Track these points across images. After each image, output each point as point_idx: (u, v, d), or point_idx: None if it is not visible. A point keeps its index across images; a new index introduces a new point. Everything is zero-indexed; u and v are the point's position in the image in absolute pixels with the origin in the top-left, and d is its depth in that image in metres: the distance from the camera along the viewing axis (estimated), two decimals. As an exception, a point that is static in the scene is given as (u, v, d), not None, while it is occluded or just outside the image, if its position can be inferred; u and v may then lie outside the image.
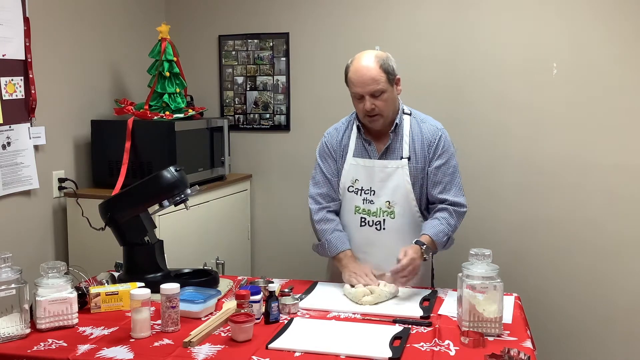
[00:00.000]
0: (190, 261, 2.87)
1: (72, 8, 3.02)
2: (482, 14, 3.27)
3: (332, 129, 2.65)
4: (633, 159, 3.14)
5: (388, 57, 2.47)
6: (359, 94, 2.44)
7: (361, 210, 2.53)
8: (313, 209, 2.58)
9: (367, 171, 2.52)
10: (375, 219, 2.51)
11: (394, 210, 2.50)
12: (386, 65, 2.43)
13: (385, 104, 2.44)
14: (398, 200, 2.50)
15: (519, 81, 3.25)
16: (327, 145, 2.61)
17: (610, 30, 3.11)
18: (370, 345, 1.89)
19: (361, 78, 2.41)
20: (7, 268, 1.99)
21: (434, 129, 2.53)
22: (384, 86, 2.41)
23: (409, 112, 2.56)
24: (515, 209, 3.32)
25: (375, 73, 2.40)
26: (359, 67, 2.43)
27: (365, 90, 2.41)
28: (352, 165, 2.55)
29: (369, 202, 2.52)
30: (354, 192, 2.54)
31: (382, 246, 2.48)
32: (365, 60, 2.43)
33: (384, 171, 2.50)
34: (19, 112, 2.71)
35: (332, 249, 2.50)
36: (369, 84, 2.40)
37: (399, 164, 2.50)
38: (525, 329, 2.06)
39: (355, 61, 2.46)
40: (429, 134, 2.52)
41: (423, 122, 2.55)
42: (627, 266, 3.19)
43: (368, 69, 2.41)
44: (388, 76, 2.42)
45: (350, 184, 2.55)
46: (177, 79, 3.19)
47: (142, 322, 1.97)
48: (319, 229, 2.55)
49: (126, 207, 2.40)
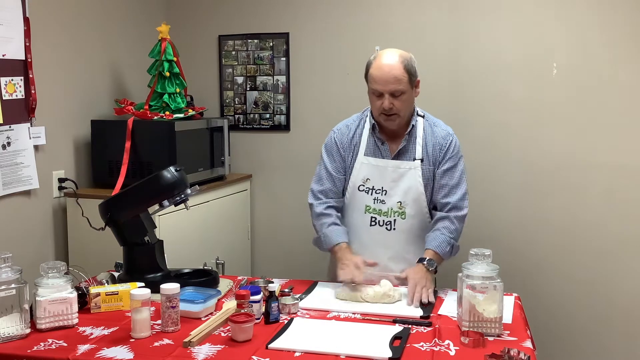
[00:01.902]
0: (190, 261, 2.86)
1: (72, 8, 3.02)
2: (482, 14, 3.27)
3: (343, 125, 2.61)
4: (633, 159, 3.14)
5: (411, 57, 2.44)
6: (378, 92, 2.40)
7: (372, 210, 2.52)
8: (312, 204, 2.57)
9: (379, 171, 2.50)
10: (386, 219, 2.50)
11: (405, 211, 2.49)
12: (409, 66, 2.40)
13: (404, 104, 2.42)
14: (410, 201, 2.49)
15: (519, 81, 3.25)
16: (336, 142, 2.57)
17: (611, 30, 3.11)
18: (370, 345, 1.89)
19: (384, 76, 2.38)
20: (7, 268, 1.98)
21: (446, 133, 2.53)
22: (405, 87, 2.39)
23: (422, 115, 2.55)
24: (515, 209, 3.32)
25: (398, 72, 2.37)
26: (383, 64, 2.39)
27: (387, 89, 2.38)
28: (364, 164, 2.52)
29: (380, 202, 2.51)
30: (365, 191, 2.52)
31: (392, 246, 2.48)
32: (390, 58, 2.40)
33: (397, 171, 2.49)
34: (19, 112, 2.71)
35: (328, 242, 2.49)
36: (391, 83, 2.37)
37: (412, 165, 2.49)
38: (525, 329, 2.06)
39: (378, 58, 2.42)
40: (441, 138, 2.51)
41: (435, 126, 2.54)
42: (627, 266, 3.19)
43: (391, 67, 2.38)
44: (410, 77, 2.40)
45: (362, 183, 2.52)
46: (177, 79, 3.19)
47: (142, 322, 1.97)
48: (317, 223, 2.55)
49: (126, 207, 2.40)
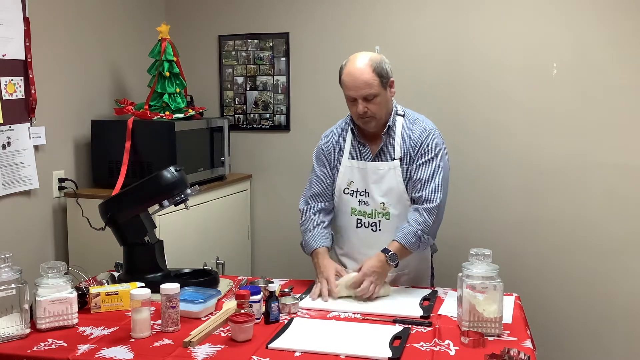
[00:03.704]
0: (190, 261, 2.87)
1: (72, 8, 3.02)
2: (482, 14, 3.27)
3: (329, 132, 2.64)
4: (633, 159, 3.14)
5: (382, 59, 2.42)
6: (351, 97, 2.42)
7: (357, 212, 2.54)
8: (301, 209, 2.61)
9: (361, 173, 2.52)
10: (371, 220, 2.52)
11: (389, 211, 2.49)
12: (380, 69, 2.39)
13: (378, 107, 2.42)
14: (392, 201, 2.49)
15: (519, 81, 3.25)
16: (322, 148, 2.61)
17: (611, 30, 3.11)
18: (370, 345, 1.89)
19: (354, 82, 2.38)
20: (7, 268, 1.98)
21: (422, 129, 2.50)
22: (376, 90, 2.39)
23: (402, 113, 2.54)
24: (515, 209, 3.32)
25: (368, 77, 2.37)
26: (352, 70, 2.40)
27: (358, 94, 2.39)
28: (347, 168, 2.55)
29: (364, 204, 2.52)
30: (350, 194, 2.54)
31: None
32: (359, 63, 2.40)
33: (377, 173, 2.50)
34: (19, 112, 2.71)
35: (308, 248, 2.53)
36: (361, 88, 2.38)
37: (391, 165, 2.49)
38: (525, 329, 2.06)
39: (349, 64, 2.43)
40: (417, 135, 2.49)
41: (415, 123, 2.52)
42: (627, 266, 3.19)
43: (361, 72, 2.38)
44: (381, 80, 2.39)
45: (346, 186, 2.55)
46: (177, 79, 3.19)
47: (142, 322, 1.97)
48: (301, 229, 2.59)
49: (126, 207, 2.40)
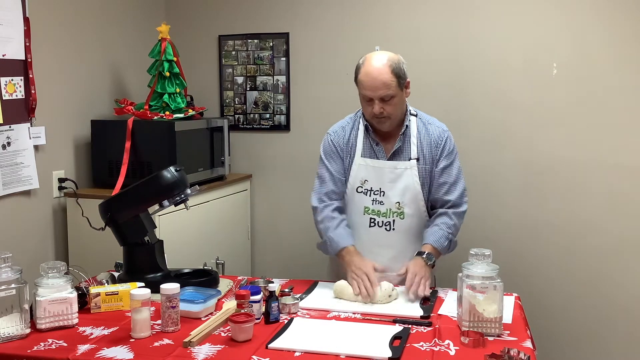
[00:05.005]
0: (190, 261, 2.86)
1: (72, 8, 3.02)
2: (482, 14, 3.27)
3: (338, 127, 2.60)
4: (633, 159, 3.14)
5: (400, 60, 2.41)
6: (368, 97, 2.39)
7: (370, 211, 2.52)
8: (316, 207, 2.54)
9: (376, 172, 2.50)
10: (385, 220, 2.50)
11: (404, 211, 2.49)
12: (398, 70, 2.37)
13: (394, 107, 2.41)
14: (408, 201, 2.48)
15: (519, 81, 3.25)
16: (333, 144, 2.56)
17: (610, 30, 3.11)
18: (370, 345, 1.89)
19: (372, 82, 2.36)
20: (7, 268, 1.98)
21: (441, 130, 2.53)
22: (394, 91, 2.37)
23: (415, 114, 2.54)
24: (515, 209, 3.32)
25: (386, 77, 2.35)
26: (370, 70, 2.37)
27: (376, 95, 2.37)
28: (361, 166, 2.52)
29: (378, 203, 2.50)
30: (363, 192, 2.52)
31: (392, 247, 2.48)
32: (377, 62, 2.37)
33: (394, 172, 2.49)
34: (19, 112, 2.71)
35: (334, 246, 2.47)
36: (379, 89, 2.36)
37: (408, 165, 2.48)
38: (525, 329, 2.06)
39: (367, 63, 2.40)
40: (436, 136, 2.51)
41: (429, 124, 2.53)
42: (627, 266, 3.19)
43: (380, 72, 2.35)
44: (399, 80, 2.37)
45: (360, 185, 2.52)
46: (177, 79, 3.19)
47: (142, 322, 1.97)
48: (322, 227, 2.53)
49: (126, 207, 2.39)
